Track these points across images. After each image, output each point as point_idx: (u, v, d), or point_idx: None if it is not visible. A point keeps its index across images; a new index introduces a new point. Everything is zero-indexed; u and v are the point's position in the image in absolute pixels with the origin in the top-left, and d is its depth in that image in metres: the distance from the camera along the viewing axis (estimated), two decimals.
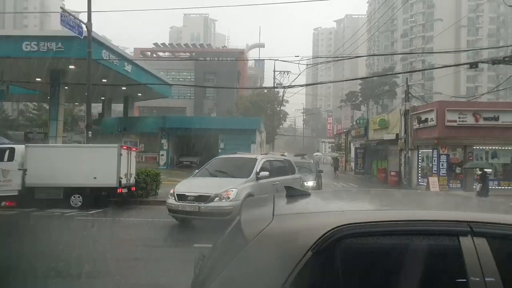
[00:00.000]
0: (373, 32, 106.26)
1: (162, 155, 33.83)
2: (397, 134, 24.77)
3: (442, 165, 20.64)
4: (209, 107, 70.96)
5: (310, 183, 15.31)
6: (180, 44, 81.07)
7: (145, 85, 29.44)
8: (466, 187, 20.59)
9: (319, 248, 1.84)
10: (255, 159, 10.64)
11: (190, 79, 73.54)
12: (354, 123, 34.97)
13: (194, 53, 76.83)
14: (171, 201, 9.47)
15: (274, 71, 60.47)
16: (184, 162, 33.85)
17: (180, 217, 9.71)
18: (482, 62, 16.54)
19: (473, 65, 16.54)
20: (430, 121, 21.25)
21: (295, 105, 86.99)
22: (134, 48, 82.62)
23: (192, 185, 9.89)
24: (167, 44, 79.43)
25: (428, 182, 20.26)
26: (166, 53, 79.00)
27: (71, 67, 23.03)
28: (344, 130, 41.93)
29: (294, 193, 2.51)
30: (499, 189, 20.79)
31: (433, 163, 21.10)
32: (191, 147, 35.82)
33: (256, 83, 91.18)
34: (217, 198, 8.96)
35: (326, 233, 1.87)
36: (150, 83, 30.09)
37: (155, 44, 78.83)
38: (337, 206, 2.58)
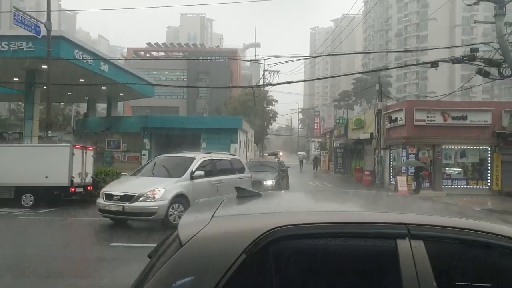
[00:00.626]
0: (368, 32, 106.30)
1: (144, 154, 33.81)
2: (371, 134, 24.77)
3: None
4: (202, 106, 71.19)
5: (269, 182, 15.36)
6: (173, 43, 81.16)
7: (126, 85, 29.51)
8: (435, 186, 20.60)
9: (253, 250, 1.79)
10: (193, 158, 10.66)
11: (183, 78, 73.94)
12: (335, 123, 34.97)
13: (187, 53, 77.05)
14: (100, 200, 9.53)
15: (264, 70, 60.42)
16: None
17: (108, 217, 9.76)
18: (442, 61, 16.50)
19: (434, 65, 16.53)
20: (400, 120, 21.25)
21: (291, 104, 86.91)
22: (128, 48, 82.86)
23: (123, 184, 9.96)
24: (160, 44, 79.46)
25: (396, 182, 20.26)
26: (161, 53, 79.14)
27: (44, 66, 23.09)
28: (328, 130, 41.93)
29: (244, 194, 2.49)
30: (468, 188, 20.80)
31: (402, 163, 21.08)
32: (174, 146, 35.82)
33: (250, 82, 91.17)
34: (142, 198, 9.00)
35: (261, 235, 1.82)
36: (130, 82, 30.08)
37: (149, 44, 78.96)
38: (279, 207, 2.56)
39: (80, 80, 26.57)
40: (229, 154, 14.38)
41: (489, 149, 20.72)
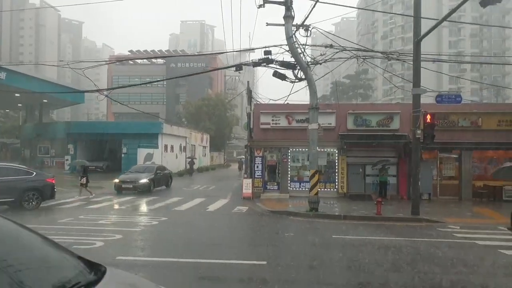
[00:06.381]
0: (360, 36, 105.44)
1: (67, 159, 34.83)
2: None
3: (257, 167, 20.69)
4: (180, 111, 72.87)
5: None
6: (155, 50, 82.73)
7: (48, 93, 30.78)
8: (282, 188, 20.62)
9: None
10: None
11: (163, 84, 75.89)
12: (242, 127, 35.14)
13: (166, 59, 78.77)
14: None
15: (225, 76, 60.94)
16: (89, 167, 34.64)
17: None
18: (244, 64, 16.62)
19: (238, 68, 16.61)
20: (252, 124, 21.43)
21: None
22: (110, 56, 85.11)
23: None
24: (142, 51, 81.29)
25: (242, 184, 20.40)
26: (144, 60, 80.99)
27: None
28: None
29: None
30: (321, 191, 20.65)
31: (249, 165, 21.20)
32: (99, 152, 36.74)
33: (236, 86, 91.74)
34: None
35: None
36: (46, 91, 31.16)
37: (131, 51, 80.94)
38: None
39: None
40: None
41: (337, 151, 20.61)
